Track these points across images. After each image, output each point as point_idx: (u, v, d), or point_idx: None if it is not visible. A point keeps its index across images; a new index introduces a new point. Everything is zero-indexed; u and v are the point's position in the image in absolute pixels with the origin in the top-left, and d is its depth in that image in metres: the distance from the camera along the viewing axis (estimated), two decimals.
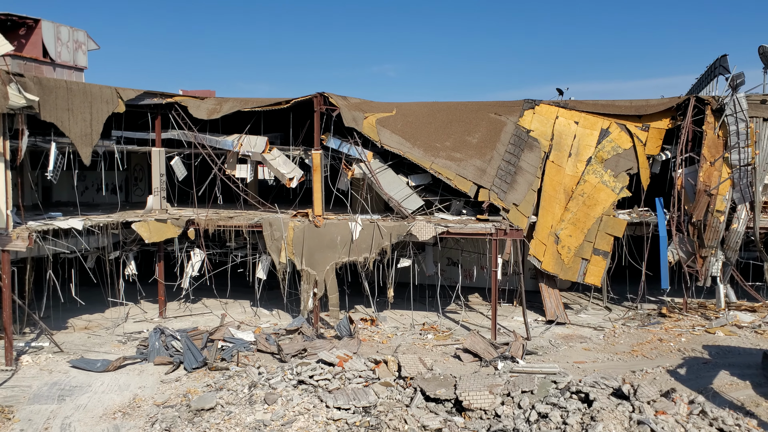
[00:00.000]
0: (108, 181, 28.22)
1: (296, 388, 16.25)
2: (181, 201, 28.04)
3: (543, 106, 25.45)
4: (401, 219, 22.72)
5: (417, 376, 16.73)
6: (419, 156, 23.20)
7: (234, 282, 26.09)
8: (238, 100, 24.75)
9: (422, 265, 25.21)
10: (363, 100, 25.71)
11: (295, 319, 22.73)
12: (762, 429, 14.14)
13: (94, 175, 28.47)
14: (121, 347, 20.86)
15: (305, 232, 22.61)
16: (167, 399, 16.48)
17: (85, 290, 24.02)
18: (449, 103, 25.81)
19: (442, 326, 23.15)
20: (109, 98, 21.95)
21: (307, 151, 24.47)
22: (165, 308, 25.02)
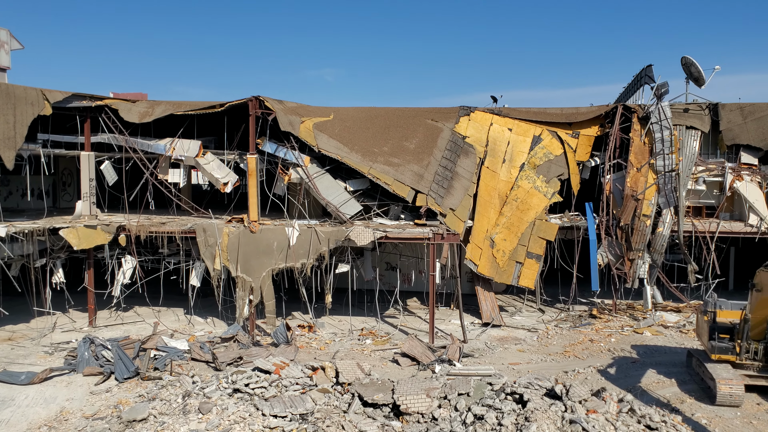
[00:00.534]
0: (34, 186, 27.10)
1: (232, 396, 15.95)
2: (111, 206, 27.18)
3: (478, 113, 25.89)
4: (339, 224, 22.66)
5: (355, 382, 16.68)
6: (357, 161, 23.22)
7: (167, 289, 25.44)
8: (170, 104, 24.20)
9: (361, 270, 25.21)
10: (300, 104, 25.56)
11: (231, 326, 22.33)
12: (686, 425, 14.73)
13: (18, 180, 27.29)
14: (47, 358, 20.04)
15: (240, 238, 22.27)
16: (97, 411, 15.92)
17: (9, 300, 22.99)
18: (387, 109, 25.94)
19: (380, 331, 23.17)
20: (34, 100, 21.12)
21: (242, 155, 24.12)
22: (95, 317, 24.18)
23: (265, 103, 22.88)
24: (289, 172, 23.33)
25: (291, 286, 25.49)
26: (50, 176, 28.74)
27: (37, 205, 27.82)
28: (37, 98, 21.27)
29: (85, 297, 24.38)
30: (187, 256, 23.99)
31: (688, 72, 25.76)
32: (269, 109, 22.93)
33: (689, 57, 25.39)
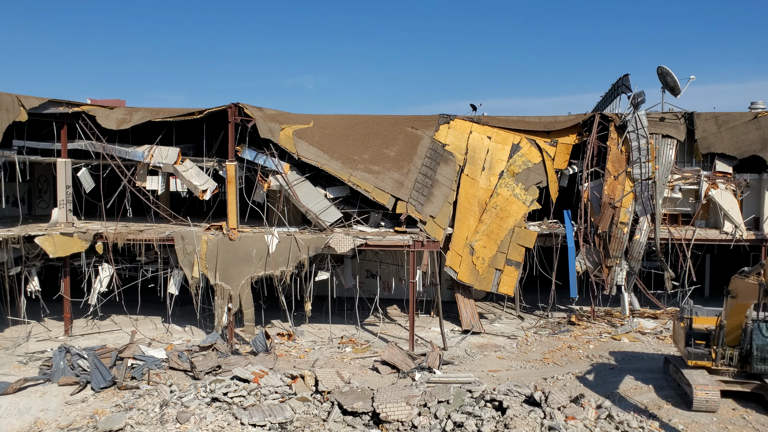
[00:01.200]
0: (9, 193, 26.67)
1: (210, 405, 15.82)
2: (88, 214, 26.85)
3: (458, 121, 26.03)
4: (319, 231, 22.59)
5: (334, 390, 16.62)
6: (337, 168, 23.21)
7: (145, 298, 25.16)
8: (149, 110, 24.01)
9: (341, 277, 25.16)
10: (280, 111, 25.50)
11: (209, 335, 22.14)
12: (663, 430, 14.86)
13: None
14: (22, 368, 19.71)
15: (219, 245, 22.13)
16: (72, 421, 15.68)
17: None
18: (367, 116, 25.98)
19: (360, 339, 23.11)
20: (9, 106, 20.84)
21: (221, 162, 23.99)
22: (71, 326, 23.83)
23: (244, 110, 22.80)
24: (269, 180, 23.24)
25: (270, 294, 25.36)
26: (25, 183, 28.34)
27: (12, 212, 27.39)
28: (13, 104, 20.99)
29: (61, 306, 24.03)
30: (165, 264, 23.76)
31: (664, 81, 26.13)
32: (249, 116, 22.84)
33: (665, 66, 25.77)
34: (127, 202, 24.56)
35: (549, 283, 25.43)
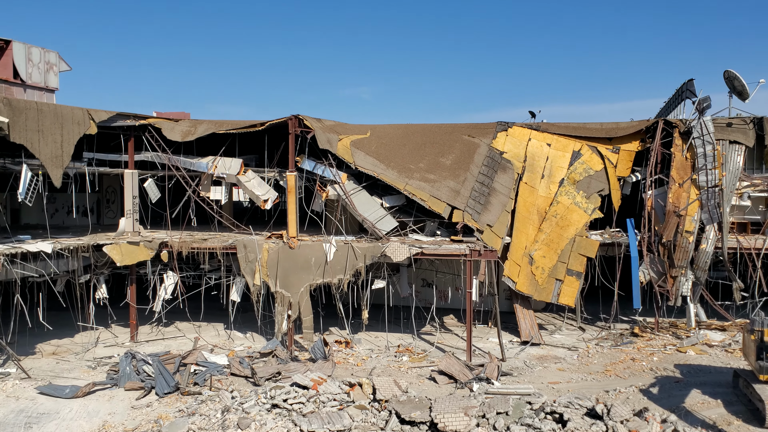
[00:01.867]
0: (79, 204, 27.78)
1: (270, 412, 16.00)
2: (154, 223, 27.67)
3: (516, 129, 25.72)
4: (375, 240, 22.65)
5: (392, 399, 16.58)
6: (393, 177, 23.24)
7: (207, 305, 25.72)
8: (212, 123, 24.62)
9: (397, 286, 25.13)
10: (337, 122, 25.75)
11: (269, 341, 22.44)
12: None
13: (64, 198, 28.02)
14: (90, 373, 20.39)
15: (279, 253, 22.43)
16: (138, 425, 16.10)
17: (54, 315, 23.50)
18: (423, 126, 25.96)
19: (417, 348, 23.01)
20: (80, 120, 21.70)
21: (281, 172, 24.37)
22: (137, 332, 24.55)
23: (304, 121, 23.12)
24: (327, 189, 23.47)
25: (328, 302, 25.55)
26: (95, 194, 29.46)
27: (82, 222, 28.51)
28: (83, 118, 21.84)
29: (127, 312, 24.80)
30: (228, 271, 24.25)
31: (731, 86, 25.19)
32: (308, 127, 23.15)
33: (732, 71, 24.85)
34: (191, 212, 25.20)
35: (611, 294, 24.77)
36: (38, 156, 20.03)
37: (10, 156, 20.69)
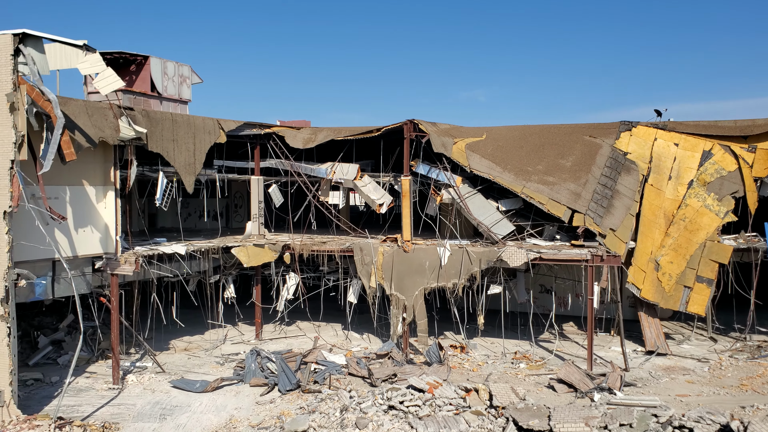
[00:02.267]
0: (209, 208, 29.41)
1: (387, 413, 16.15)
2: (277, 227, 28.78)
3: (640, 128, 24.51)
4: (491, 244, 22.34)
5: (509, 406, 16.28)
6: (510, 180, 22.82)
7: (326, 305, 26.42)
8: (331, 130, 25.29)
9: (513, 291, 24.64)
10: (452, 125, 25.66)
11: (385, 343, 22.70)
12: None
13: (196, 203, 29.76)
14: (219, 368, 21.48)
15: (394, 257, 22.64)
16: (262, 421, 16.75)
17: (186, 312, 24.97)
18: (541, 127, 25.32)
19: (534, 355, 22.46)
20: (211, 129, 22.95)
21: (396, 177, 24.61)
22: (261, 330, 25.63)
23: (419, 126, 23.22)
24: (441, 193, 23.43)
25: (443, 306, 25.48)
26: (224, 199, 31.08)
27: (212, 225, 30.16)
28: (214, 127, 23.09)
29: (252, 311, 25.95)
30: (345, 273, 24.79)
31: None
32: (423, 131, 23.23)
33: None
34: (311, 216, 26.00)
35: (747, 303, 23.00)
36: (173, 164, 21.39)
37: (148, 164, 22.22)
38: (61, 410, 16.78)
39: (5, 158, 15.82)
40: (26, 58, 15.93)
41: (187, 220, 30.85)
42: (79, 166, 18.52)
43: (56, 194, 18.31)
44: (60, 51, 17.03)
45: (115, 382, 19.63)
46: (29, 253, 17.27)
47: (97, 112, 18.75)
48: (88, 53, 16.94)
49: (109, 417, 17.02)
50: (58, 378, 20.14)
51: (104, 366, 21.38)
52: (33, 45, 16.08)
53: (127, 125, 19.39)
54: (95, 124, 18.49)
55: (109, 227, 19.76)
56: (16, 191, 15.77)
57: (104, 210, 19.66)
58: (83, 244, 19.15)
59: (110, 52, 24.07)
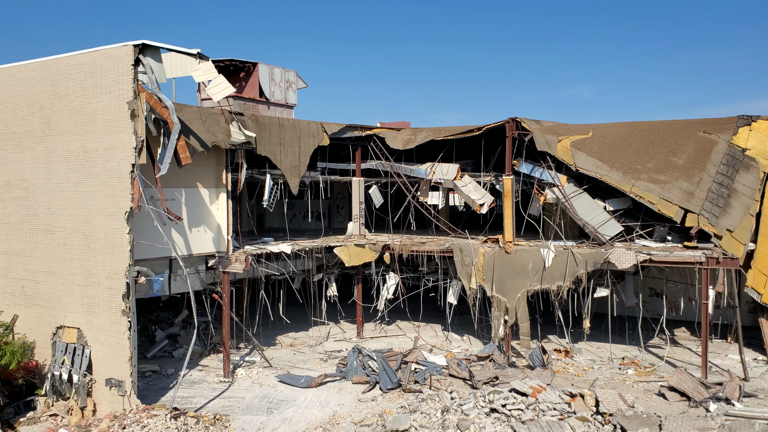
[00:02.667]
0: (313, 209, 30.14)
1: (488, 416, 15.95)
2: (377, 227, 29.11)
3: (761, 122, 22.89)
4: (598, 246, 21.57)
5: (617, 413, 15.69)
6: (618, 179, 21.94)
7: (426, 306, 26.42)
8: (431, 130, 25.26)
9: (621, 295, 23.67)
10: (556, 123, 24.99)
11: (486, 345, 22.41)
12: None
13: (300, 204, 30.58)
14: (322, 365, 21.95)
15: (495, 258, 22.30)
16: (364, 418, 16.96)
17: (291, 309, 25.69)
18: (651, 123, 24.18)
19: (643, 361, 21.51)
20: (315, 132, 23.51)
21: (497, 176, 24.24)
22: (362, 329, 25.99)
23: (521, 124, 22.77)
24: (545, 193, 22.86)
25: (546, 309, 24.88)
26: (326, 200, 31.74)
27: (315, 225, 30.89)
28: (318, 131, 23.64)
29: (353, 309, 26.36)
30: (445, 274, 24.70)
31: None
32: (525, 129, 22.76)
33: None
34: (411, 216, 26.09)
35: None
36: (279, 166, 22.08)
37: (256, 167, 23.04)
38: (176, 401, 17.69)
39: (126, 162, 16.88)
40: (145, 68, 16.91)
41: (292, 220, 31.78)
42: (193, 169, 19.48)
43: (172, 196, 19.33)
44: (175, 60, 17.96)
45: (225, 375, 20.48)
46: (148, 252, 18.33)
47: (210, 118, 19.64)
48: (202, 61, 17.76)
49: (220, 409, 17.77)
50: (173, 370, 21.26)
51: (215, 359, 22.36)
52: (151, 55, 17.05)
53: (238, 130, 20.20)
54: (208, 129, 19.38)
55: (221, 227, 20.64)
56: (136, 193, 16.77)
57: (217, 211, 20.57)
58: (197, 243, 20.12)
59: (221, 59, 25.15)
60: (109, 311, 17.41)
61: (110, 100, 17.13)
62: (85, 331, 18.00)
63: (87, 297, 17.91)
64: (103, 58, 17.23)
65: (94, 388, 17.80)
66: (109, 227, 17.32)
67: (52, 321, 18.74)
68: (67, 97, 18.08)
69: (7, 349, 18.13)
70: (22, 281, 19.53)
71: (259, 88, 25.78)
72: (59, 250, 18.53)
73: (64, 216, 18.36)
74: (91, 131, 17.61)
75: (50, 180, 18.61)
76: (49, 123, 18.54)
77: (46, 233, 18.82)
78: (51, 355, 18.63)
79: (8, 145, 19.59)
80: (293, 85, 27.20)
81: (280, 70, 26.56)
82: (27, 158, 19.15)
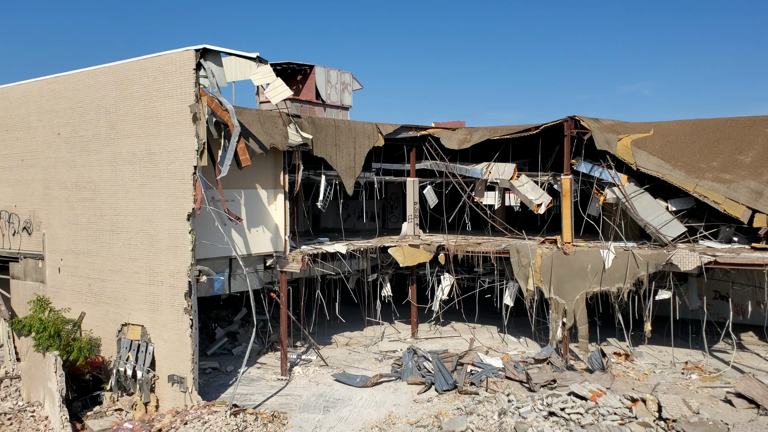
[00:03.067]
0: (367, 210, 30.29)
1: (547, 419, 15.74)
2: (432, 227, 29.04)
3: None
4: (659, 247, 21.01)
5: (680, 419, 15.27)
6: (680, 178, 21.33)
7: (481, 307, 26.22)
8: (487, 129, 25.06)
9: (684, 297, 22.98)
10: (616, 121, 24.44)
11: (543, 348, 22.09)
12: None
13: (355, 204, 30.81)
14: (377, 365, 22.04)
15: (553, 259, 21.97)
16: (419, 419, 16.96)
17: (346, 309, 25.88)
18: (716, 120, 23.38)
19: (708, 366, 20.86)
20: (370, 133, 23.64)
21: (555, 176, 23.87)
22: (417, 329, 25.98)
23: (580, 122, 22.36)
24: (605, 192, 22.39)
25: (605, 311, 24.36)
26: (380, 200, 31.87)
27: (369, 226, 31.07)
28: (373, 132, 23.76)
29: (408, 310, 26.37)
30: (501, 275, 24.46)
31: None
32: (584, 128, 22.34)
33: None
34: (466, 217, 25.93)
35: None
36: (335, 167, 22.29)
37: (312, 168, 23.31)
38: (235, 398, 18.06)
39: (189, 164, 17.32)
40: (206, 72, 17.33)
41: (346, 221, 32.01)
42: (252, 171, 19.85)
43: (232, 197, 19.74)
44: (235, 63, 18.34)
45: (283, 373, 20.79)
46: (209, 252, 18.78)
47: (268, 120, 19.98)
48: (261, 65, 18.08)
49: (278, 406, 18.05)
50: (232, 367, 21.70)
51: (273, 357, 22.72)
52: (212, 59, 17.47)
53: (295, 132, 20.48)
54: (267, 131, 19.71)
55: (279, 227, 20.97)
56: (198, 194, 17.20)
57: (274, 211, 20.91)
58: (256, 243, 20.50)
59: (279, 63, 25.53)
60: (171, 309, 17.90)
61: (173, 103, 17.61)
62: (148, 328, 18.56)
63: (150, 295, 18.46)
64: (166, 62, 17.74)
65: (156, 384, 18.33)
66: (172, 227, 17.80)
67: (118, 318, 19.39)
68: (131, 102, 18.68)
69: (75, 345, 18.86)
70: (89, 280, 20.27)
71: (315, 91, 26.08)
72: (124, 250, 19.16)
73: (129, 217, 18.97)
74: (154, 134, 18.14)
75: (116, 182, 19.26)
76: (115, 127, 19.18)
77: (112, 233, 19.47)
78: (116, 351, 19.27)
79: (76, 148, 20.35)
80: (349, 87, 27.40)
81: (336, 72, 26.81)
82: (94, 161, 19.86)
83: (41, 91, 21.41)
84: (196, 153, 17.21)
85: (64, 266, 21.05)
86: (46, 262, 21.65)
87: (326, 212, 28.07)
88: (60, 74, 20.84)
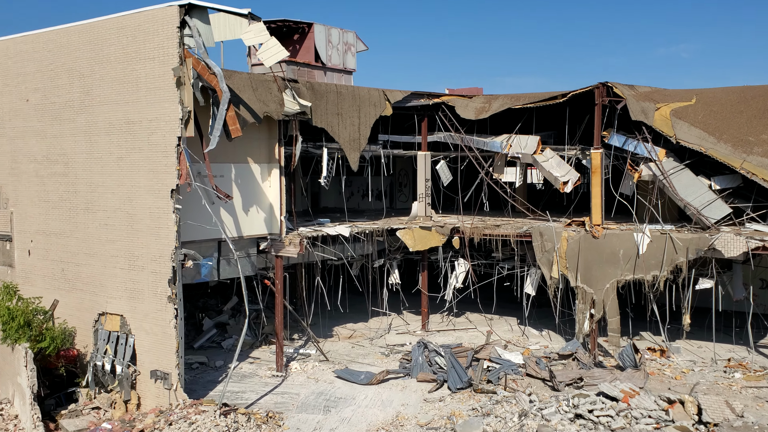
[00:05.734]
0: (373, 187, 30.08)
1: (573, 422, 15.68)
2: (445, 208, 28.84)
3: None
4: (701, 230, 20.80)
5: (723, 423, 15.23)
6: (726, 153, 21.04)
7: (500, 296, 26.09)
8: (508, 97, 24.75)
9: (728, 287, 22.79)
10: (654, 88, 24.11)
11: (569, 342, 22.00)
12: None
13: (359, 181, 30.57)
14: (383, 360, 21.99)
15: (581, 243, 21.79)
16: (431, 420, 16.90)
17: (350, 298, 25.80)
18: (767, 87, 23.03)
19: (753, 364, 20.78)
20: (376, 101, 23.36)
21: (584, 150, 23.61)
22: (428, 321, 25.91)
23: (613, 89, 22.03)
24: (640, 168, 22.14)
25: (638, 302, 24.21)
26: (388, 177, 31.65)
27: (375, 205, 30.88)
28: (379, 99, 23.48)
29: (418, 299, 26.28)
30: (522, 261, 24.30)
31: None
32: (618, 96, 22.01)
33: None
34: (483, 196, 25.71)
35: None
36: (337, 139, 22.07)
37: (311, 140, 23.08)
38: (226, 396, 18.03)
39: (172, 135, 17.13)
40: (192, 30, 17.07)
41: (350, 199, 31.82)
42: (243, 143, 19.64)
43: (221, 172, 19.57)
44: (224, 21, 18.06)
45: (278, 369, 20.77)
46: (195, 234, 18.65)
47: (262, 86, 19.72)
48: (253, 22, 17.80)
49: (273, 406, 18.02)
50: (222, 362, 21.70)
51: (267, 351, 22.70)
52: (198, 16, 17.20)
53: (292, 99, 20.23)
54: (260, 98, 19.46)
55: (274, 207, 20.81)
56: (183, 169, 17.02)
57: (269, 189, 20.73)
58: (248, 224, 20.36)
59: (273, 20, 25.22)
60: (153, 297, 17.82)
61: (154, 66, 17.39)
62: (128, 318, 18.51)
63: (130, 282, 18.39)
64: (147, 20, 17.48)
65: (138, 380, 18.31)
66: (153, 206, 17.66)
67: (94, 307, 19.34)
68: (108, 64, 18.46)
69: (47, 334, 18.84)
70: (62, 264, 20.21)
71: (314, 52, 25.77)
72: (101, 231, 19.06)
73: (105, 194, 18.84)
74: (133, 101, 17.94)
75: (91, 155, 19.11)
76: (90, 92, 18.99)
77: (87, 212, 19.37)
78: (93, 343, 19.25)
79: (47, 116, 20.19)
80: (352, 48, 27.08)
81: (337, 31, 26.47)
82: (66, 131, 19.70)
83: (7, 52, 21.21)
84: (181, 122, 17.00)
85: (35, 248, 20.99)
86: (15, 243, 21.59)
87: (327, 190, 27.85)
88: (28, 33, 20.64)
